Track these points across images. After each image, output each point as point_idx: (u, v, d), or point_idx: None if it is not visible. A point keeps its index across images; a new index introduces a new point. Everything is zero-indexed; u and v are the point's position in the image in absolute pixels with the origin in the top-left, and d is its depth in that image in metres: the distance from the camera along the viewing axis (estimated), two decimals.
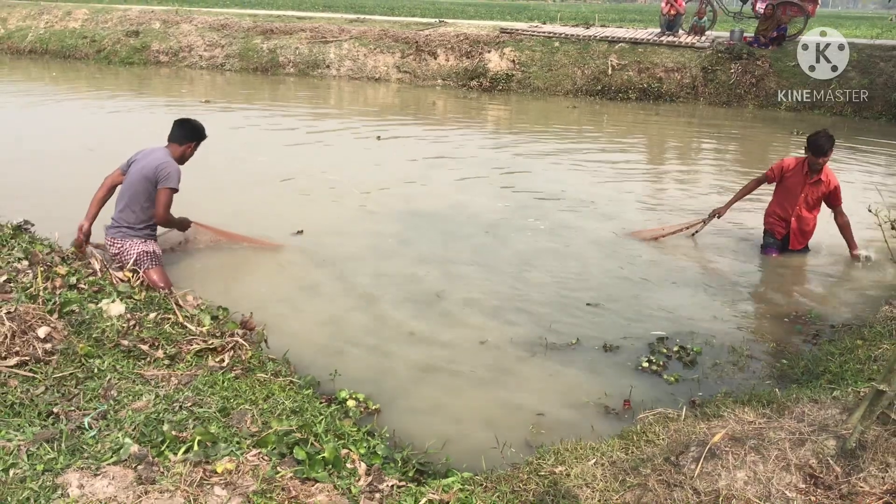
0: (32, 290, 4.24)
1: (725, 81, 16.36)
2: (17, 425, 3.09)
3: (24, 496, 2.60)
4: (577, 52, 17.73)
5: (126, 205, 5.50)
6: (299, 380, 4.22)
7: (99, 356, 3.81)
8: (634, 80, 16.89)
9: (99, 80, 18.47)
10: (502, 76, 17.76)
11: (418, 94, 17.32)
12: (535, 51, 18.08)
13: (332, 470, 3.14)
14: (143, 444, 3.03)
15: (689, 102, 16.44)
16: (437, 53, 18.73)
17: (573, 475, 3.03)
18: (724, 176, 10.48)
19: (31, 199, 7.51)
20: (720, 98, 16.28)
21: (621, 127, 14.43)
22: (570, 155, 11.24)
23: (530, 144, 12.12)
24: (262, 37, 20.39)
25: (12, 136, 11.46)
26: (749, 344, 5.09)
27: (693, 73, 16.66)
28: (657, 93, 16.62)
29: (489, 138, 12.79)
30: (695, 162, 11.92)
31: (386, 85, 18.50)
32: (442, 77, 18.44)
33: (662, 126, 14.42)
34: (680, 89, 16.64)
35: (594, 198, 8.69)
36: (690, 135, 13.73)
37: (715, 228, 7.26)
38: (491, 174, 9.73)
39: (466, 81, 18.04)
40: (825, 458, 2.66)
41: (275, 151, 10.72)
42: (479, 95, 17.26)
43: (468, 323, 5.36)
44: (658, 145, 12.89)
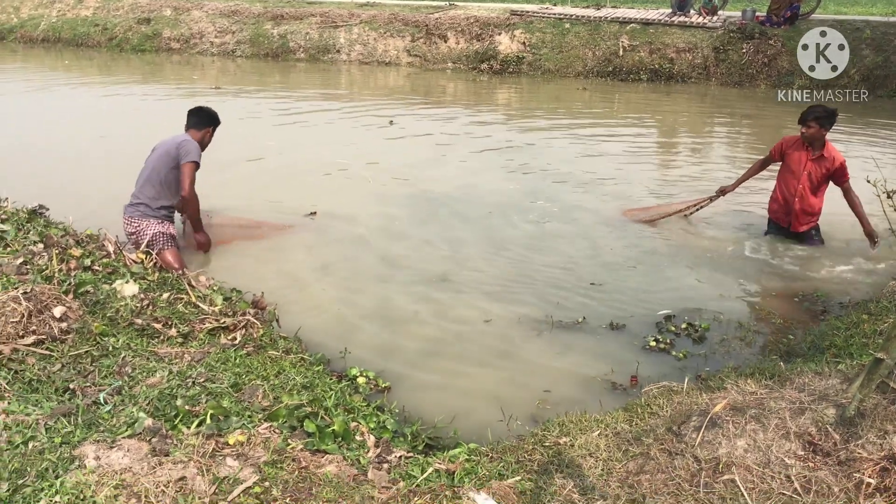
0: (48, 271, 4.32)
1: (737, 61, 16.24)
2: (35, 400, 3.18)
3: (43, 467, 2.69)
4: (587, 34, 17.63)
5: (146, 180, 5.61)
6: (310, 357, 4.29)
7: (113, 335, 3.89)
8: (646, 61, 16.79)
9: (111, 68, 18.57)
10: (513, 59, 17.70)
11: (429, 78, 17.30)
12: (545, 33, 18.00)
13: (341, 442, 3.21)
14: (157, 419, 3.11)
15: (701, 83, 16.34)
16: (448, 37, 18.68)
17: (577, 445, 3.08)
18: (736, 157, 10.46)
19: (45, 184, 7.60)
20: (732, 78, 16.17)
21: (632, 108, 14.38)
22: (581, 137, 11.23)
23: (541, 126, 12.11)
24: (273, 22, 20.40)
25: (26, 123, 11.57)
26: (756, 321, 5.12)
27: (704, 53, 16.54)
28: (668, 74, 16.52)
29: (499, 121, 12.78)
30: (706, 143, 11.88)
31: (396, 69, 18.49)
32: (452, 60, 18.41)
33: (674, 107, 14.36)
34: (691, 70, 16.53)
35: (604, 178, 8.71)
36: (702, 116, 13.67)
37: (723, 210, 7.26)
38: (501, 156, 9.75)
39: (477, 64, 17.99)
40: (824, 426, 2.70)
41: (286, 136, 10.77)
42: (490, 78, 17.22)
43: (476, 302, 5.41)
44: (669, 126, 12.85)
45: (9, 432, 2.89)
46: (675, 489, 2.64)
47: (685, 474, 2.69)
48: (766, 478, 2.57)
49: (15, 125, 11.36)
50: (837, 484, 2.48)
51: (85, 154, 9.26)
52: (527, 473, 2.96)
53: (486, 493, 2.72)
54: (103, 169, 8.37)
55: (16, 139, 10.13)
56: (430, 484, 2.86)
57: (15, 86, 15.18)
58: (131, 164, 5.89)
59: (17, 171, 8.33)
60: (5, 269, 4.22)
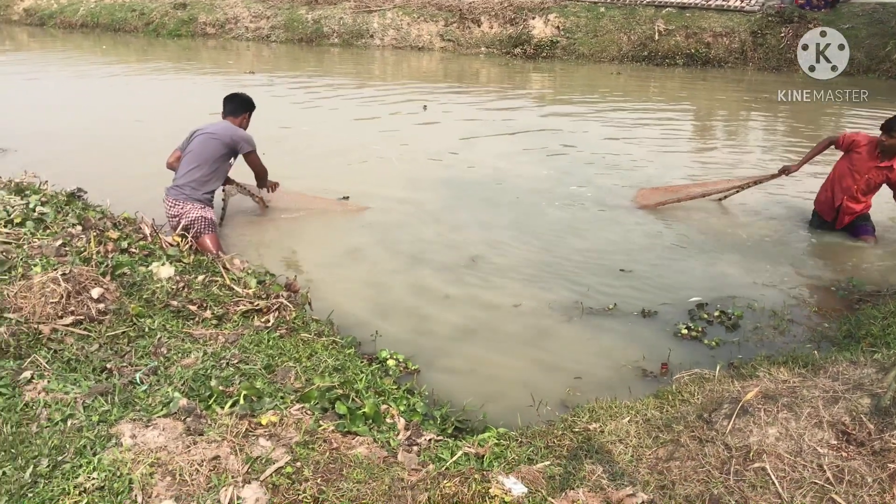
0: (86, 253, 4.41)
1: (776, 46, 15.95)
2: (73, 379, 3.25)
3: (81, 444, 2.75)
4: (622, 18, 17.43)
5: (195, 165, 5.70)
6: (341, 340, 4.34)
7: (149, 316, 3.96)
8: (682, 46, 16.56)
9: (148, 53, 18.77)
10: (547, 43, 17.57)
11: (462, 63, 17.25)
12: (580, 17, 17.83)
13: (371, 424, 3.25)
14: (192, 399, 3.17)
15: (738, 68, 16.08)
16: (481, 21, 18.59)
17: (607, 431, 3.08)
18: (773, 144, 10.31)
19: (83, 167, 7.74)
20: (770, 63, 15.88)
21: (667, 93, 14.21)
22: (615, 121, 11.14)
23: (574, 112, 12.02)
24: (307, 7, 20.44)
25: (64, 108, 11.75)
26: (790, 308, 5.05)
27: (742, 37, 16.27)
28: (705, 58, 16.27)
29: (532, 106, 12.71)
30: (742, 129, 11.72)
31: (429, 54, 18.45)
32: (485, 45, 18.32)
33: (710, 92, 14.16)
34: (728, 54, 16.27)
35: (638, 164, 8.63)
36: (739, 101, 13.46)
37: (760, 197, 7.15)
38: (533, 141, 9.71)
39: (510, 49, 17.88)
40: (858, 415, 2.67)
41: (320, 121, 10.83)
42: (524, 63, 17.11)
43: (506, 288, 5.41)
44: (705, 112, 12.68)
45: (48, 410, 2.97)
46: (705, 476, 2.63)
47: (715, 461, 2.68)
48: (797, 466, 2.55)
49: (54, 110, 11.54)
50: (871, 474, 2.46)
51: (121, 138, 9.39)
52: (556, 458, 2.97)
53: (516, 477, 2.74)
54: (139, 153, 8.48)
55: (55, 123, 10.30)
56: (459, 467, 2.88)
57: (54, 70, 15.42)
58: (167, 149, 5.96)
59: (56, 154, 8.47)
60: (45, 250, 4.31)
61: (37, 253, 4.28)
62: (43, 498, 2.48)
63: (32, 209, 4.96)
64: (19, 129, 9.70)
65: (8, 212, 4.81)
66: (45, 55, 18.30)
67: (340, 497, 2.59)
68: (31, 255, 4.23)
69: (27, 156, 8.23)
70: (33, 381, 3.17)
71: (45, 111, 11.40)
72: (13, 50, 19.94)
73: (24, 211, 4.88)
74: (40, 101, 12.41)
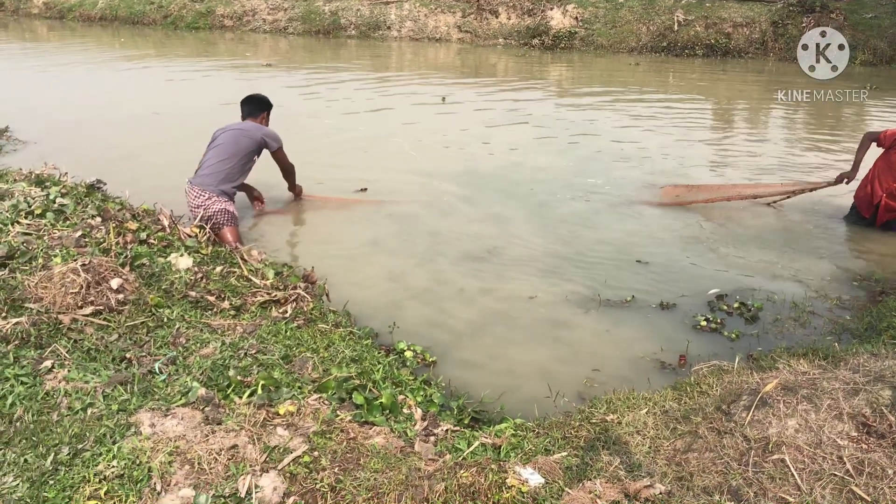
0: (105, 244, 4.44)
1: (797, 36, 15.78)
2: (93, 369, 3.28)
3: (101, 432, 2.78)
4: (641, 8, 17.33)
5: (225, 159, 5.80)
6: (359, 331, 4.34)
7: (168, 306, 3.99)
8: (701, 36, 16.45)
9: (166, 46, 18.86)
10: (565, 34, 17.49)
11: (479, 54, 17.20)
12: (598, 7, 17.74)
13: (389, 415, 3.25)
14: (210, 388, 3.18)
15: (758, 58, 15.95)
16: (499, 12, 18.53)
17: (624, 423, 3.07)
18: (794, 136, 10.22)
19: (103, 159, 7.79)
20: (791, 54, 15.70)
21: (687, 84, 14.11)
22: (633, 113, 11.08)
23: (592, 103, 11.96)
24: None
25: (83, 100, 11.84)
26: (811, 301, 5.01)
27: (762, 27, 16.14)
28: (724, 49, 16.15)
29: (550, 97, 12.66)
30: (763, 120, 11.61)
31: (447, 45, 18.42)
32: (503, 36, 18.27)
33: (730, 83, 14.04)
34: (749, 45, 16.15)
35: (656, 156, 8.59)
36: (759, 92, 13.34)
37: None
38: (551, 133, 9.67)
39: (528, 40, 17.82)
40: (879, 407, 2.64)
41: (338, 113, 10.83)
42: (541, 54, 17.05)
43: (523, 279, 5.39)
44: (725, 103, 12.58)
45: (69, 399, 3.00)
46: (724, 468, 2.62)
47: (734, 453, 2.66)
48: (817, 458, 2.53)
49: (72, 102, 11.63)
50: (892, 466, 2.43)
51: (139, 131, 9.45)
52: (573, 449, 2.96)
53: (532, 468, 2.73)
54: (157, 145, 8.52)
55: (74, 116, 10.38)
56: (476, 457, 2.88)
57: (73, 64, 15.52)
58: (183, 141, 5.99)
59: (75, 146, 8.53)
60: (65, 241, 4.34)
61: (57, 244, 4.31)
62: (63, 485, 2.51)
63: (52, 200, 5.00)
64: (39, 122, 9.78)
65: (28, 203, 4.85)
66: (63, 48, 18.43)
67: (357, 486, 2.60)
68: (51, 246, 4.26)
69: (47, 147, 8.30)
70: (54, 370, 3.20)
71: (64, 104, 11.49)
72: (33, 43, 20.09)
73: (44, 202, 4.92)
74: (59, 93, 12.50)
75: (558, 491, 2.61)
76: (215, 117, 5.86)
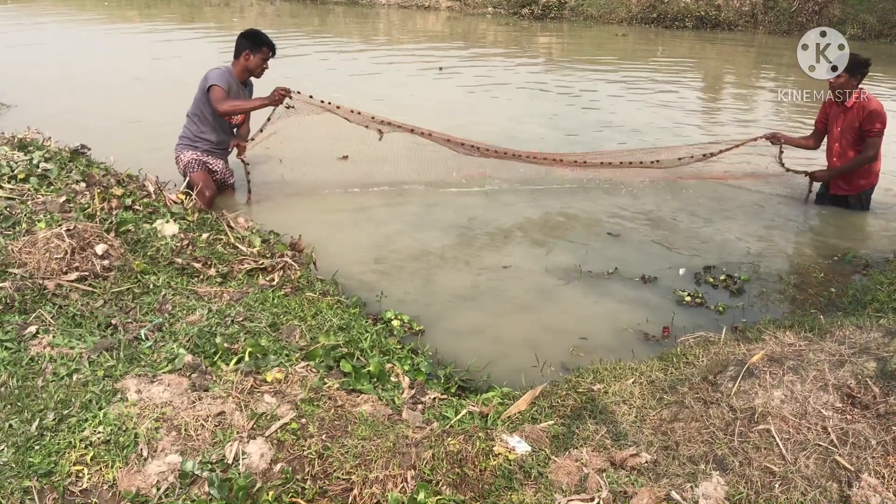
0: (90, 210, 4.38)
1: (787, 9, 15.77)
2: (78, 335, 3.25)
3: (87, 398, 2.76)
4: None
5: (187, 115, 5.81)
6: (346, 299, 4.33)
7: (154, 273, 3.96)
8: (691, 8, 16.38)
9: (151, 10, 18.55)
10: (554, 4, 17.37)
11: (469, 23, 17.05)
12: None
13: (376, 382, 3.26)
14: (197, 355, 3.17)
15: (748, 31, 15.92)
16: None
17: (611, 392, 3.08)
18: (782, 109, 10.21)
19: (86, 124, 7.69)
20: (780, 27, 15.72)
21: (676, 56, 14.05)
22: (622, 84, 11.04)
23: (581, 73, 11.90)
24: None
25: (66, 64, 11.66)
26: (796, 275, 5.03)
27: (753, 0, 16.07)
28: (714, 21, 16.10)
29: (540, 67, 12.59)
30: (751, 93, 11.59)
31: (435, 13, 18.24)
32: (493, 5, 18.12)
33: (719, 55, 14.00)
34: (739, 17, 16.10)
35: (644, 128, 8.58)
36: (748, 65, 13.31)
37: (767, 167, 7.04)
38: (541, 103, 9.64)
39: (518, 9, 17.70)
40: (864, 378, 2.66)
41: (322, 80, 10.72)
42: (531, 24, 16.93)
43: (510, 250, 5.39)
44: (713, 75, 12.54)
45: (54, 364, 2.97)
46: (709, 437, 2.64)
47: (720, 423, 2.68)
48: (801, 429, 2.55)
49: (55, 66, 11.45)
50: (875, 437, 2.46)
51: (123, 96, 9.35)
52: (560, 418, 2.97)
53: (519, 436, 2.75)
54: (141, 110, 8.41)
55: (56, 80, 10.23)
56: (463, 425, 2.88)
57: (56, 27, 15.27)
58: (165, 105, 5.91)
59: (59, 111, 8.41)
60: (49, 206, 4.29)
61: (41, 209, 4.26)
62: (49, 451, 2.49)
63: (36, 165, 4.92)
64: (21, 86, 9.63)
65: (11, 168, 4.78)
66: (45, 10, 18.10)
67: (345, 453, 2.60)
68: (34, 211, 4.21)
69: (30, 112, 8.17)
70: (38, 335, 3.18)
71: (47, 68, 11.31)
72: (14, 4, 19.72)
73: (27, 167, 4.85)
74: (42, 57, 12.31)
75: (545, 459, 2.62)
76: (197, 82, 5.76)
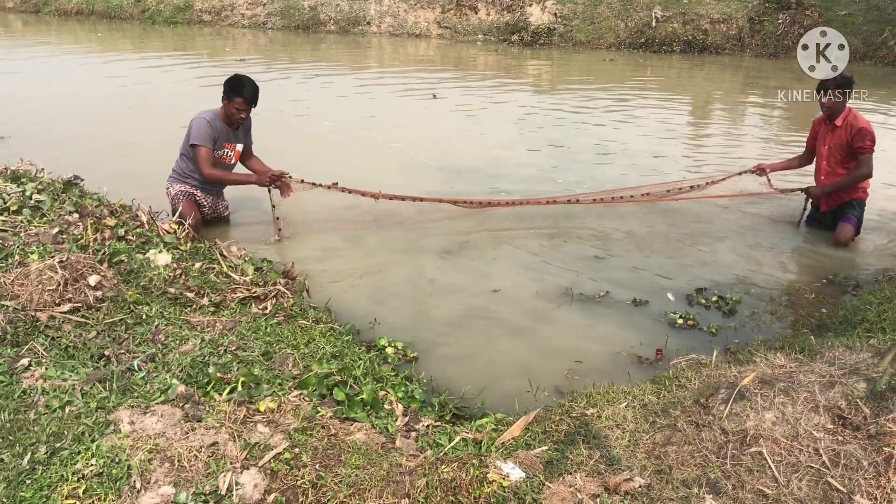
0: (83, 240, 4.39)
1: (773, 32, 15.96)
2: (71, 366, 3.25)
3: (80, 431, 2.75)
4: (619, 5, 17.40)
5: (180, 155, 5.89)
6: (339, 327, 4.33)
7: (147, 303, 3.96)
8: (679, 33, 16.56)
9: (143, 41, 18.67)
10: (544, 30, 17.54)
11: (459, 50, 17.20)
12: (577, 3, 17.79)
13: (370, 410, 3.26)
14: (190, 385, 3.16)
15: (735, 55, 16.09)
16: (478, 7, 18.53)
17: (604, 416, 3.09)
18: (770, 131, 10.31)
19: (79, 155, 7.72)
20: (767, 50, 15.89)
21: (664, 80, 14.18)
22: (612, 110, 11.13)
23: (571, 99, 12.00)
24: None
25: (60, 95, 11.71)
26: (788, 295, 5.06)
27: (739, 24, 16.27)
28: (702, 45, 16.28)
29: (529, 93, 12.70)
30: (740, 116, 11.70)
31: (426, 41, 18.39)
32: (483, 32, 18.27)
33: (707, 79, 14.15)
34: (726, 41, 16.28)
35: (634, 154, 8.64)
36: (735, 88, 13.45)
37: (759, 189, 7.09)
38: (529, 129, 9.72)
39: (507, 36, 17.86)
40: (854, 399, 2.68)
41: (313, 107, 10.79)
42: (521, 50, 17.08)
43: (502, 275, 5.41)
44: (701, 99, 12.66)
45: (46, 397, 2.97)
46: (702, 461, 2.64)
47: (712, 446, 2.69)
48: (793, 451, 2.56)
49: (48, 98, 11.49)
50: (867, 458, 2.47)
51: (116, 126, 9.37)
52: (554, 443, 2.97)
53: (513, 462, 2.75)
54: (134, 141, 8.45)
55: (50, 111, 10.27)
56: (457, 453, 2.88)
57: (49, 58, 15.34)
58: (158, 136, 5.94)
59: (52, 142, 8.43)
60: (42, 238, 4.29)
61: (33, 240, 4.26)
62: (41, 484, 2.48)
63: (29, 197, 4.93)
64: (14, 117, 9.65)
65: (4, 199, 4.79)
66: (39, 43, 18.21)
67: (339, 482, 2.60)
68: (27, 243, 4.21)
69: (23, 143, 8.19)
70: (31, 368, 3.17)
71: (40, 99, 11.36)
72: (7, 37, 19.83)
73: (20, 198, 4.86)
74: (35, 88, 12.35)
75: (539, 485, 2.62)
76: (189, 113, 5.80)
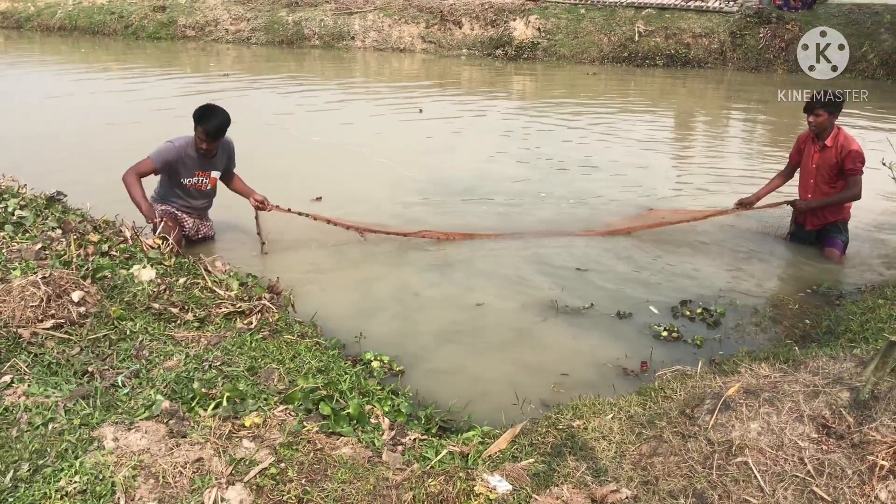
0: (66, 256, 4.36)
1: (754, 46, 16.12)
2: (54, 383, 3.22)
3: (63, 447, 2.73)
4: (603, 19, 17.54)
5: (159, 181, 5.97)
6: (325, 341, 4.33)
7: (131, 319, 3.93)
8: (661, 47, 16.70)
9: (127, 57, 18.64)
10: (527, 45, 17.64)
11: (443, 65, 17.27)
12: (560, 18, 17.92)
13: (356, 425, 3.24)
14: (175, 401, 3.14)
15: (717, 68, 16.23)
16: (462, 22, 18.63)
17: (590, 428, 3.09)
18: (752, 143, 10.41)
19: (61, 171, 7.67)
20: (749, 63, 16.05)
21: (647, 94, 14.30)
22: (595, 123, 11.19)
23: (555, 113, 12.07)
24: (287, 9, 20.42)
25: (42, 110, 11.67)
26: (772, 306, 5.10)
27: (721, 38, 16.43)
28: (684, 59, 16.42)
29: (514, 107, 12.76)
30: (722, 130, 11.80)
31: (411, 56, 18.46)
32: (467, 47, 18.36)
33: (689, 93, 14.28)
34: (708, 55, 16.42)
35: (618, 167, 8.69)
36: (718, 102, 13.58)
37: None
38: (515, 143, 9.76)
39: (491, 50, 17.95)
40: (838, 408, 2.70)
41: (298, 122, 10.80)
42: (505, 65, 17.17)
43: (487, 289, 5.42)
44: (685, 113, 12.77)
45: (29, 414, 2.94)
46: (688, 471, 2.65)
47: (698, 457, 2.70)
48: (779, 460, 2.57)
49: (30, 113, 11.45)
50: (851, 466, 2.48)
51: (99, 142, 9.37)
52: (540, 455, 2.97)
53: (500, 475, 2.75)
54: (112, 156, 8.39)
55: (32, 127, 10.21)
56: (443, 466, 2.88)
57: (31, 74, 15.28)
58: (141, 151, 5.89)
59: (34, 158, 8.39)
60: (24, 254, 4.26)
61: (16, 257, 4.23)
62: (24, 502, 2.46)
63: (11, 213, 4.90)
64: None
65: None
66: (21, 58, 18.13)
67: (325, 497, 2.59)
68: (10, 259, 4.18)
69: (4, 159, 8.13)
70: (13, 385, 3.14)
71: (22, 114, 11.30)
72: None
73: (2, 215, 4.83)
74: (16, 104, 12.29)
75: (526, 497, 2.62)
76: (172, 129, 5.80)
